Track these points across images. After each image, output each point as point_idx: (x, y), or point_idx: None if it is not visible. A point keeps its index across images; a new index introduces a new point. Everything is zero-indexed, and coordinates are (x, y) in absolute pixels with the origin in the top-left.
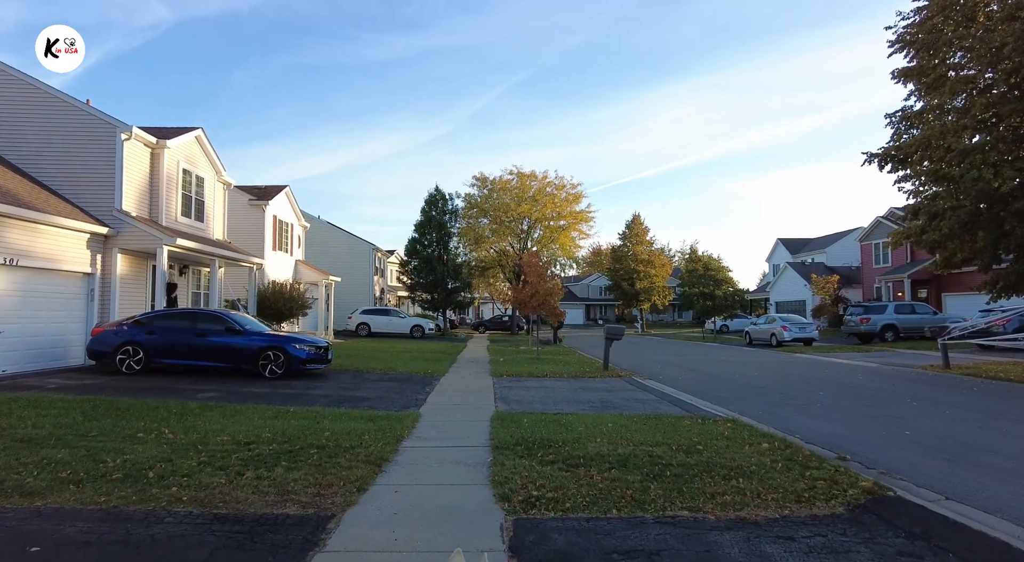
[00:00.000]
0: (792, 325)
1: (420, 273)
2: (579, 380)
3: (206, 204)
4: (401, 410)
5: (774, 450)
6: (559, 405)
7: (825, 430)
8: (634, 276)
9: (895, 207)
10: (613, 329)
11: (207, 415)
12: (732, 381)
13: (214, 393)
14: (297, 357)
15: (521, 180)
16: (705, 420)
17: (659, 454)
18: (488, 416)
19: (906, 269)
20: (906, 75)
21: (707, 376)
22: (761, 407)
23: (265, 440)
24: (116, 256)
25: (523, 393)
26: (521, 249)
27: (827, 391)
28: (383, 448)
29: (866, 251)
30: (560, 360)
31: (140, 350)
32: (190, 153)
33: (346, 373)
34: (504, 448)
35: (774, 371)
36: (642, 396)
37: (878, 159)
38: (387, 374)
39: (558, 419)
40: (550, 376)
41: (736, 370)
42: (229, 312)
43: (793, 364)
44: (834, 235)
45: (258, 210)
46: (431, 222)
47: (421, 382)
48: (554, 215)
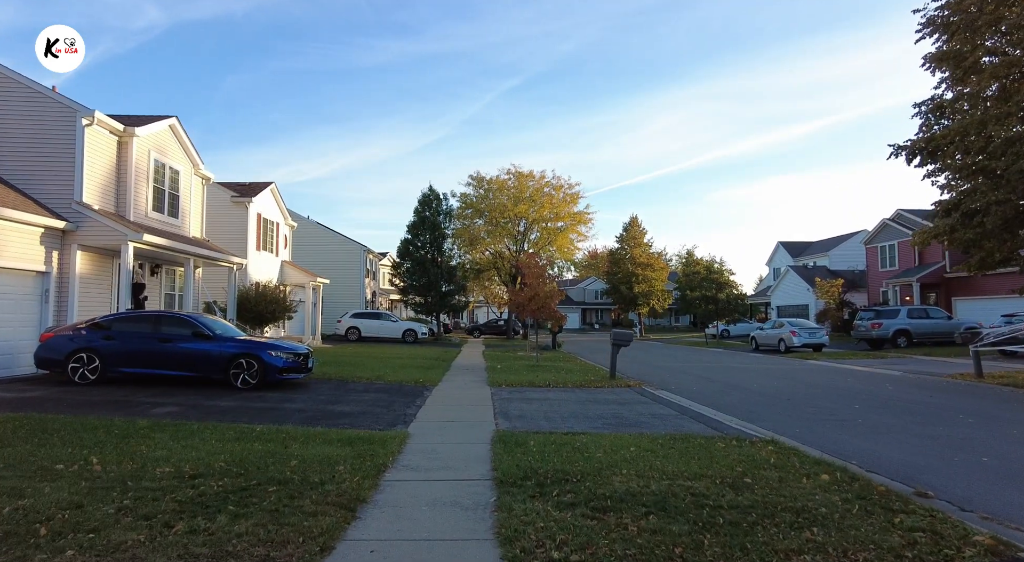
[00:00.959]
0: (801, 330)
1: (413, 275)
2: (585, 391)
3: (181, 199)
4: (387, 429)
5: (838, 484)
6: (568, 422)
7: (882, 455)
8: (632, 279)
9: (903, 209)
10: (621, 334)
11: (154, 437)
12: (752, 392)
13: (174, 407)
14: (273, 365)
15: (518, 180)
16: (741, 442)
17: (702, 491)
18: (488, 436)
19: (915, 273)
20: (939, 60)
21: (723, 386)
22: (796, 424)
23: (216, 472)
24: (75, 253)
25: (525, 406)
26: (518, 251)
27: (862, 404)
28: (360, 483)
29: (871, 254)
30: (562, 367)
31: (96, 357)
32: (162, 143)
33: (329, 383)
34: (510, 483)
35: (793, 380)
36: (659, 410)
37: (906, 152)
38: (374, 384)
39: (570, 441)
40: (553, 386)
41: (752, 379)
42: (198, 316)
43: (810, 372)
44: (837, 238)
45: (241, 208)
46: (424, 222)
47: (412, 393)
48: (552, 216)
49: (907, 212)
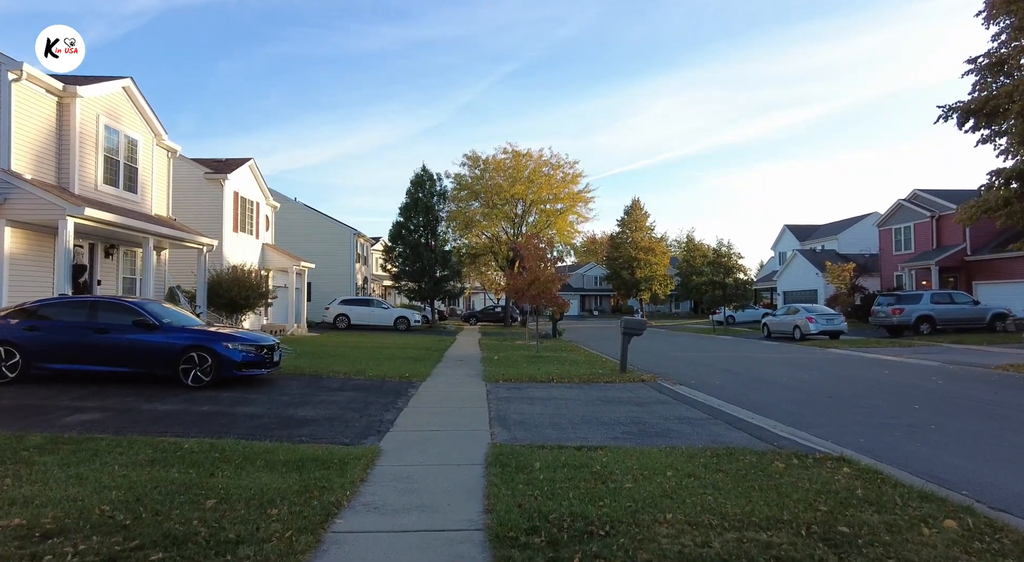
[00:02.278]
0: (818, 316)
1: (406, 260)
2: (595, 387)
3: (140, 172)
4: (354, 443)
5: (974, 536)
6: (580, 429)
7: (997, 481)
8: (634, 264)
9: (919, 189)
10: (633, 323)
11: (37, 463)
12: (784, 386)
13: (97, 414)
14: (229, 360)
15: (515, 159)
16: (803, 460)
17: (789, 554)
18: (481, 453)
19: (933, 255)
20: (1006, 3)
21: (748, 379)
22: (856, 431)
23: (90, 524)
24: (3, 230)
25: (527, 408)
26: (515, 234)
27: (921, 403)
28: (293, 543)
29: (885, 237)
30: (565, 358)
31: (15, 352)
32: (115, 107)
33: (299, 379)
34: (510, 542)
35: (824, 372)
36: (684, 412)
37: (957, 115)
38: (352, 379)
39: (587, 460)
40: (557, 381)
41: (777, 371)
42: (142, 302)
43: (839, 362)
44: (846, 221)
45: (215, 185)
46: (418, 204)
47: (394, 391)
48: (551, 197)
49: (924, 192)
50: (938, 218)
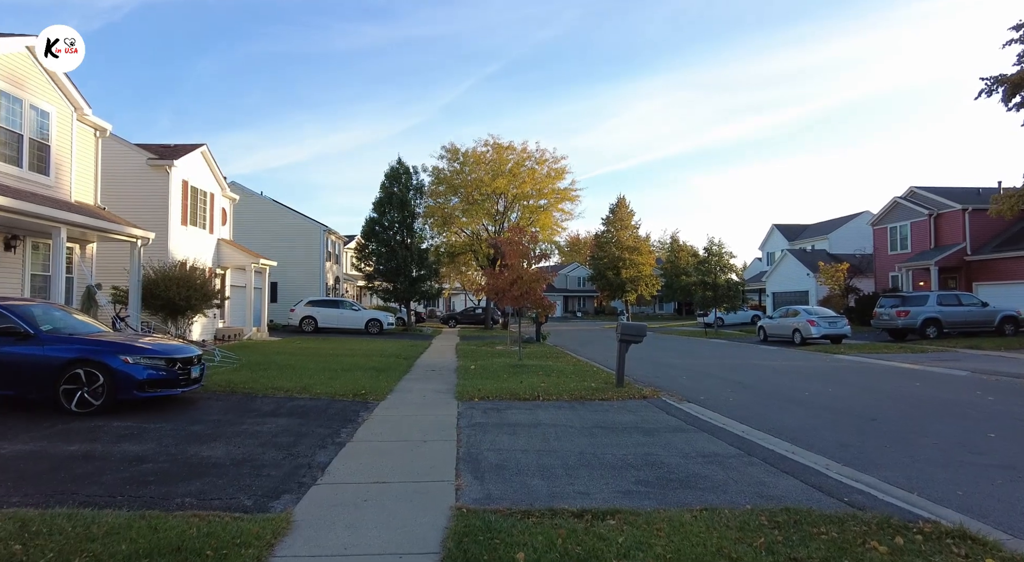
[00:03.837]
0: (820, 319)
1: (380, 258)
2: (589, 407)
3: (54, 151)
4: (257, 509)
5: None
6: (577, 478)
7: None
8: (619, 264)
9: (916, 186)
10: (631, 328)
11: None
12: (811, 404)
13: None
14: (128, 377)
15: (497, 152)
16: (906, 533)
17: None
18: (439, 529)
19: (931, 255)
20: None
21: (765, 395)
22: (940, 474)
23: None
24: None
25: (507, 441)
26: (497, 232)
27: (991, 428)
28: None
29: (879, 236)
30: (551, 368)
31: None
32: (14, 70)
33: (226, 399)
34: None
35: (847, 384)
36: (706, 444)
37: (1004, 88)
38: (293, 399)
39: (595, 543)
40: (544, 398)
41: (794, 383)
42: (11, 304)
43: (858, 372)
44: (837, 220)
45: (160, 172)
46: (392, 199)
47: (341, 416)
48: (534, 193)
49: (922, 189)
50: (936, 216)
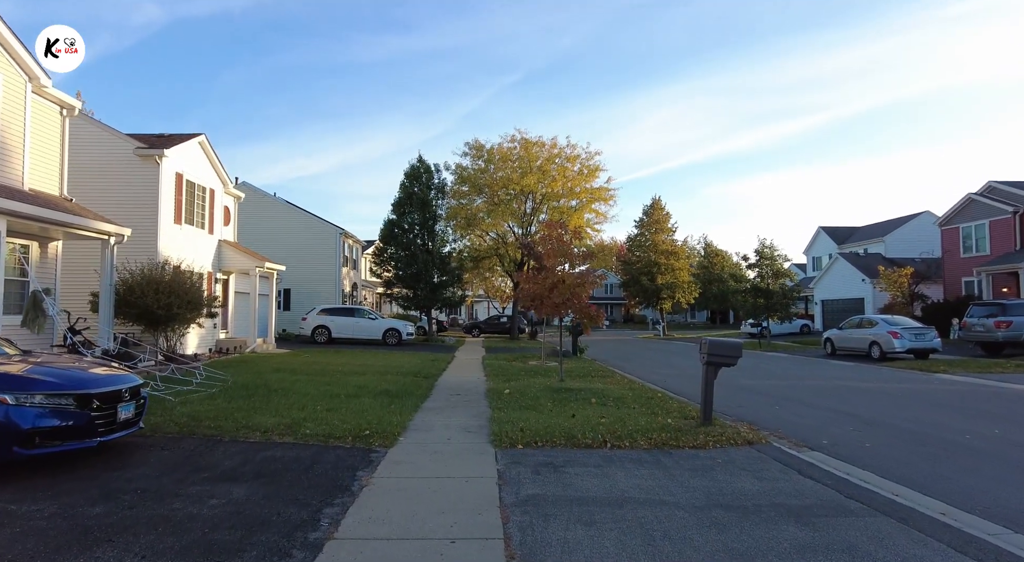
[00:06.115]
0: (904, 331)
1: (399, 263)
2: (679, 458)
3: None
4: None
5: None
6: None
7: None
8: (655, 269)
9: (995, 181)
10: (722, 347)
11: None
12: (995, 457)
13: None
14: (6, 428)
15: (525, 148)
16: None
17: None
18: None
19: (1019, 257)
20: None
21: (910, 439)
22: None
23: None
24: None
25: (585, 541)
26: (524, 234)
27: None
28: None
29: (949, 237)
30: (603, 392)
31: None
32: None
33: (173, 447)
34: None
35: (1008, 421)
36: (907, 546)
37: None
38: (269, 447)
39: None
40: (613, 444)
41: (928, 416)
42: None
43: (996, 399)
44: (894, 221)
45: (149, 164)
46: (412, 199)
47: (328, 481)
48: (565, 192)
49: (1003, 184)
50: (1022, 214)
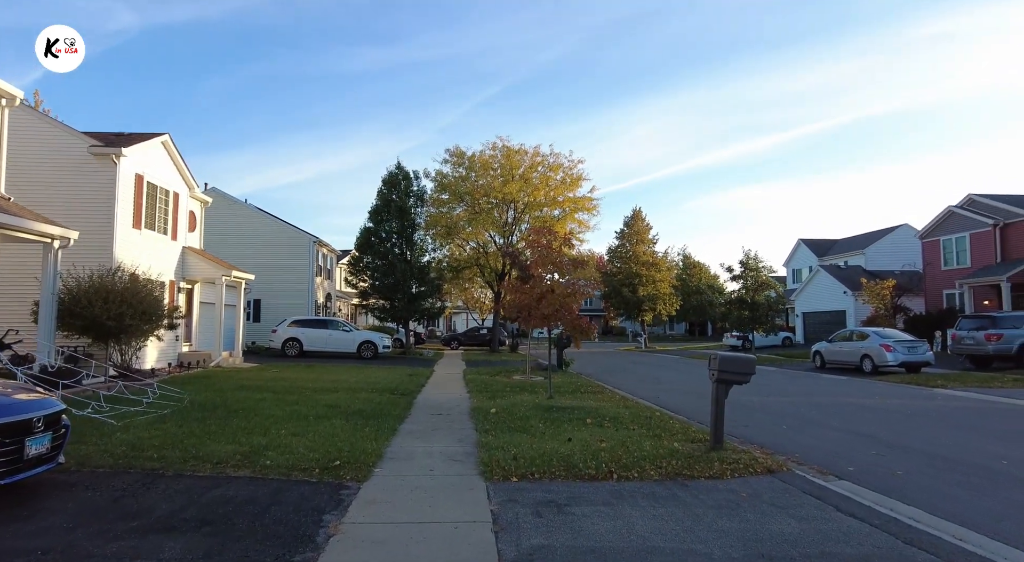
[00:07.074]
0: (897, 344)
1: (376, 273)
2: (697, 491)
3: None
4: None
5: None
6: None
7: None
8: (636, 281)
9: (975, 194)
10: (734, 363)
11: None
12: (1013, 481)
13: None
14: None
15: (507, 156)
16: None
17: None
18: None
19: (1000, 270)
20: None
21: (942, 465)
22: None
23: None
24: None
25: None
26: (507, 244)
27: None
28: None
29: (930, 250)
30: (599, 411)
31: None
32: None
33: (101, 486)
34: None
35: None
36: None
37: None
38: (220, 483)
39: None
40: (620, 475)
41: (945, 437)
42: None
43: (1006, 416)
44: (873, 234)
45: (105, 163)
46: (390, 207)
47: (287, 531)
48: (547, 201)
49: (983, 197)
50: (1003, 227)
